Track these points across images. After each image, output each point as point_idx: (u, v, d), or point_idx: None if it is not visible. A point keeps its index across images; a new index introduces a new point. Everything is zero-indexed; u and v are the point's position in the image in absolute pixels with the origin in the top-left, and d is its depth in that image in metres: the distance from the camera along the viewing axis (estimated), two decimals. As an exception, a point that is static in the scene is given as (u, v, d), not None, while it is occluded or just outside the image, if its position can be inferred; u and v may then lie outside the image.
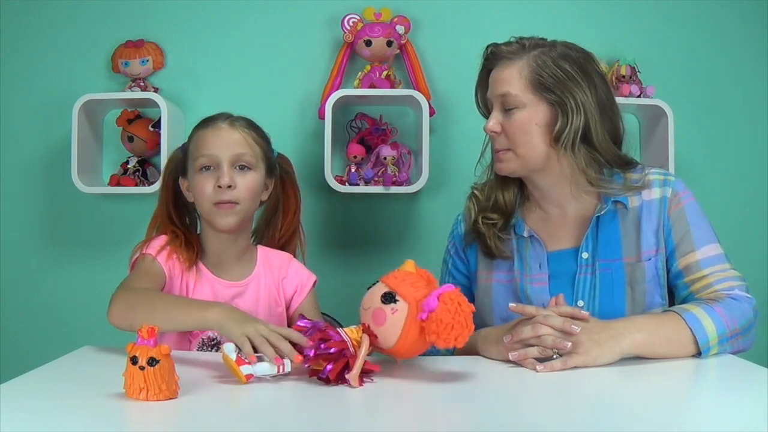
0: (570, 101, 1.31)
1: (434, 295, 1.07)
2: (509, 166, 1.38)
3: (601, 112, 1.34)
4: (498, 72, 1.37)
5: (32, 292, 2.34)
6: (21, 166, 2.34)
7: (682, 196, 1.36)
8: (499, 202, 1.44)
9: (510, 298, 1.38)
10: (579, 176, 1.35)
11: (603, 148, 1.34)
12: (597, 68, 1.38)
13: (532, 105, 1.34)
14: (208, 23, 2.33)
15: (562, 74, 1.32)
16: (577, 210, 1.40)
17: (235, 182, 1.43)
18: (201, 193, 1.45)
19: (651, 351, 1.21)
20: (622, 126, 1.40)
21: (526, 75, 1.33)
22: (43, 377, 1.12)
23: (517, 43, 1.37)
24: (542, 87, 1.33)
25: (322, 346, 1.08)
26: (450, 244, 1.55)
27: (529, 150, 1.35)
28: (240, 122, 1.50)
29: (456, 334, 1.05)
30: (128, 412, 0.95)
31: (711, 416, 0.96)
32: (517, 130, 1.35)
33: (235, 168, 1.45)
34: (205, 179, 1.44)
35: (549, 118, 1.34)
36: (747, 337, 1.27)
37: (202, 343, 1.45)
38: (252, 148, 1.48)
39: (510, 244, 1.43)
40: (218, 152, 1.44)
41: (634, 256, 1.35)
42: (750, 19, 2.31)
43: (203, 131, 1.48)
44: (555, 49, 1.35)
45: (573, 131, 1.31)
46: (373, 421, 0.97)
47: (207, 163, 1.44)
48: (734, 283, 1.31)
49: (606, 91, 1.37)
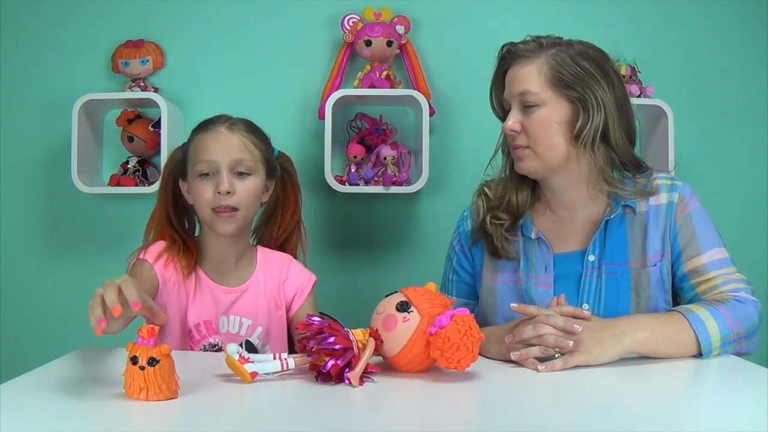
0: (591, 98, 1.30)
1: (448, 314, 1.08)
2: (529, 165, 1.37)
3: (619, 111, 1.34)
4: (515, 70, 1.36)
5: (32, 292, 2.34)
6: (21, 166, 2.34)
7: (689, 201, 1.36)
8: (511, 202, 1.43)
9: (514, 299, 1.37)
10: (596, 175, 1.34)
11: (620, 147, 1.34)
12: (613, 67, 1.37)
13: (552, 103, 1.33)
14: (208, 23, 2.33)
15: (582, 71, 1.31)
16: (586, 213, 1.40)
17: (235, 188, 1.43)
18: (200, 198, 1.44)
19: (653, 350, 1.21)
20: (636, 127, 1.40)
21: (545, 72, 1.32)
22: (43, 377, 1.12)
23: (534, 42, 1.36)
24: (562, 84, 1.32)
25: (328, 340, 1.08)
26: (455, 241, 1.53)
27: (549, 148, 1.34)
28: (239, 126, 1.49)
29: (459, 356, 1.06)
30: (128, 412, 0.95)
31: (711, 416, 0.96)
32: (537, 129, 1.33)
33: (235, 173, 1.44)
34: (204, 185, 1.44)
35: (569, 116, 1.33)
36: (751, 341, 1.27)
37: (204, 350, 1.45)
38: (251, 152, 1.47)
39: (516, 245, 1.42)
40: (217, 158, 1.43)
41: (640, 261, 1.35)
42: (750, 19, 2.31)
43: (202, 135, 1.47)
44: (573, 47, 1.35)
45: (593, 129, 1.31)
46: (375, 420, 0.97)
47: (206, 169, 1.44)
48: (740, 286, 1.31)
49: (622, 90, 1.36)
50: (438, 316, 1.09)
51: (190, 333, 1.45)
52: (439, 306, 1.13)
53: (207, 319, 1.46)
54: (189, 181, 1.49)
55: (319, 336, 1.09)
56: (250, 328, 1.48)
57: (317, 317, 1.13)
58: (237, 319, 1.48)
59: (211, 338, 1.46)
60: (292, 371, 1.11)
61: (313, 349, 1.08)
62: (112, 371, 1.19)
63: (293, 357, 1.11)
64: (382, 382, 1.10)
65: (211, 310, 1.46)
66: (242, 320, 1.48)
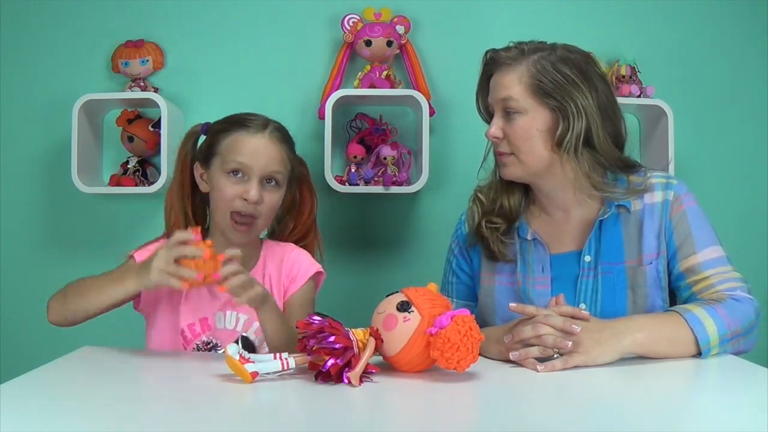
0: (571, 106, 1.31)
1: (449, 314, 1.09)
2: (513, 171, 1.38)
3: (603, 115, 1.34)
4: (498, 77, 1.37)
5: (32, 292, 2.33)
6: (21, 166, 2.34)
7: (684, 199, 1.37)
8: (504, 206, 1.44)
9: (512, 299, 1.37)
10: (583, 180, 1.35)
11: (605, 151, 1.34)
12: (598, 70, 1.37)
13: (533, 110, 1.33)
14: (208, 23, 2.33)
15: (562, 78, 1.32)
16: (580, 214, 1.41)
17: (262, 198, 1.42)
18: (223, 196, 1.42)
19: (651, 350, 1.22)
20: (625, 128, 1.40)
21: (525, 81, 1.33)
22: (43, 377, 1.12)
23: (516, 48, 1.37)
24: (542, 92, 1.32)
25: (328, 339, 1.08)
26: (454, 243, 1.55)
27: (531, 155, 1.35)
28: (277, 134, 1.47)
29: (459, 357, 1.06)
30: (128, 412, 0.95)
31: (711, 416, 0.96)
32: (518, 136, 1.35)
33: (264, 182, 1.44)
34: (231, 184, 1.42)
35: (550, 124, 1.33)
36: (749, 339, 1.28)
37: (197, 349, 1.45)
38: (285, 166, 1.47)
39: (513, 247, 1.43)
40: (253, 164, 1.42)
41: (635, 260, 1.36)
42: (750, 19, 2.31)
43: (241, 134, 1.45)
44: (555, 52, 1.35)
45: (575, 136, 1.31)
46: (375, 420, 0.97)
47: (238, 168, 1.42)
48: (736, 284, 1.31)
49: (607, 93, 1.36)
50: (438, 316, 1.10)
51: (182, 333, 1.45)
52: (440, 306, 1.13)
53: (203, 317, 1.46)
54: (211, 171, 1.46)
55: (319, 335, 1.09)
56: (246, 323, 1.47)
57: (318, 316, 1.14)
58: (233, 315, 1.47)
59: (205, 336, 1.45)
60: (292, 371, 1.11)
61: (313, 348, 1.09)
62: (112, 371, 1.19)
63: (293, 356, 1.11)
64: (382, 382, 1.10)
65: (207, 306, 1.46)
66: (239, 315, 1.47)
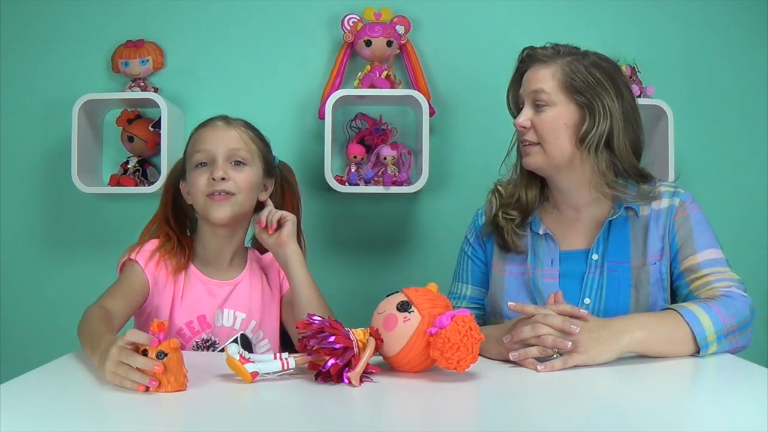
0: (598, 105, 1.38)
1: (449, 314, 1.09)
2: (535, 160, 1.43)
3: (626, 121, 1.40)
4: (533, 72, 1.43)
5: (32, 292, 2.34)
6: (21, 166, 2.34)
7: (689, 206, 1.42)
8: (521, 199, 1.50)
9: (521, 289, 1.45)
10: (598, 178, 1.40)
11: (623, 156, 1.40)
12: (625, 81, 1.45)
13: (563, 105, 1.40)
14: (208, 23, 2.33)
15: (593, 80, 1.39)
16: (591, 214, 1.46)
17: (230, 175, 1.43)
18: (196, 187, 1.45)
19: (650, 348, 1.23)
20: (644, 140, 1.46)
21: (558, 77, 1.40)
22: (43, 377, 1.12)
23: (552, 48, 1.44)
24: (573, 89, 1.39)
25: (328, 339, 1.08)
26: (469, 234, 1.60)
27: (556, 147, 1.41)
28: (237, 122, 1.51)
29: (459, 357, 1.07)
30: (128, 412, 0.95)
31: (711, 416, 0.96)
32: (546, 127, 1.41)
33: (231, 163, 1.45)
34: (200, 174, 1.44)
35: (577, 120, 1.40)
36: (744, 334, 1.30)
37: (196, 347, 1.46)
38: (247, 144, 1.48)
39: (525, 239, 1.49)
40: (213, 147, 1.44)
41: (640, 260, 1.40)
42: (750, 19, 2.32)
43: (200, 130, 1.50)
44: (587, 57, 1.42)
45: (598, 134, 1.38)
46: (375, 420, 0.97)
47: (203, 158, 1.45)
48: (731, 283, 1.34)
49: (632, 103, 1.43)
50: (438, 316, 1.10)
51: (180, 331, 1.45)
52: (440, 306, 1.13)
53: (201, 314, 1.46)
54: (187, 176, 1.49)
55: (319, 335, 1.09)
56: (244, 321, 1.49)
57: (318, 316, 1.14)
58: (231, 313, 1.48)
59: (204, 334, 1.46)
60: (292, 371, 1.11)
61: (314, 348, 1.09)
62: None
63: (294, 356, 1.11)
64: (382, 382, 1.10)
65: (206, 305, 1.47)
66: (236, 314, 1.48)
